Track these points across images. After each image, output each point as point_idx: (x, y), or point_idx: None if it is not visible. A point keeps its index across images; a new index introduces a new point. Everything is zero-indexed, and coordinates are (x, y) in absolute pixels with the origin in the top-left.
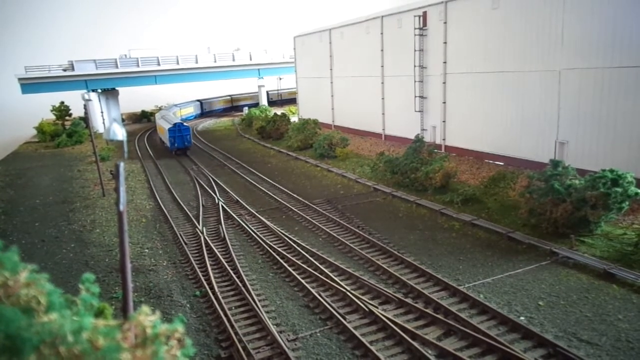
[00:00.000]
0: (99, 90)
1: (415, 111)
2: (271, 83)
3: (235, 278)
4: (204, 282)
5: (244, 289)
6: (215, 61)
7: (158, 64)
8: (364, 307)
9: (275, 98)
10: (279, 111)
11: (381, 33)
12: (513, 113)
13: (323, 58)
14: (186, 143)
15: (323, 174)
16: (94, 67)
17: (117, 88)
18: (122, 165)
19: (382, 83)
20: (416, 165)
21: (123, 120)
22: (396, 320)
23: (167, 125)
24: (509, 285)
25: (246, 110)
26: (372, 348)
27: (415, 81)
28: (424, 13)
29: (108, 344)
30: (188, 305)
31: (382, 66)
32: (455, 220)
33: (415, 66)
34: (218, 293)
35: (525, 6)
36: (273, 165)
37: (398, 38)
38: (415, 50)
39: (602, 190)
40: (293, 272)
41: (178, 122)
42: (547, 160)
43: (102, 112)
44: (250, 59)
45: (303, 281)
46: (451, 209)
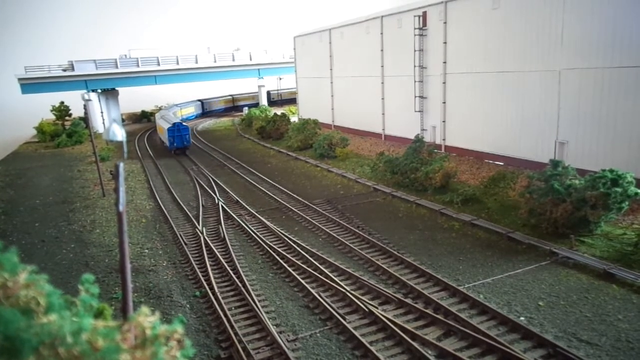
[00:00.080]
0: (99, 90)
1: (415, 111)
2: (271, 83)
3: (235, 278)
4: (204, 283)
5: (244, 290)
6: (215, 61)
7: (158, 64)
8: (364, 308)
9: (276, 98)
10: (279, 111)
11: (381, 33)
12: (513, 113)
13: (323, 58)
14: (185, 143)
15: (323, 174)
16: (94, 67)
17: (117, 88)
18: (122, 165)
19: (382, 83)
20: (416, 165)
21: (123, 120)
22: (396, 320)
23: (167, 125)
24: (509, 285)
25: (246, 110)
26: (372, 348)
27: (415, 81)
28: (424, 13)
29: (107, 345)
30: (188, 305)
31: (382, 66)
32: (455, 220)
33: (415, 66)
34: (218, 293)
35: (525, 6)
36: (273, 165)
37: (398, 38)
38: (415, 50)
39: (602, 190)
40: (293, 273)
41: (177, 122)
42: (547, 160)
43: (102, 112)
44: (250, 59)
45: (303, 281)
46: (451, 209)
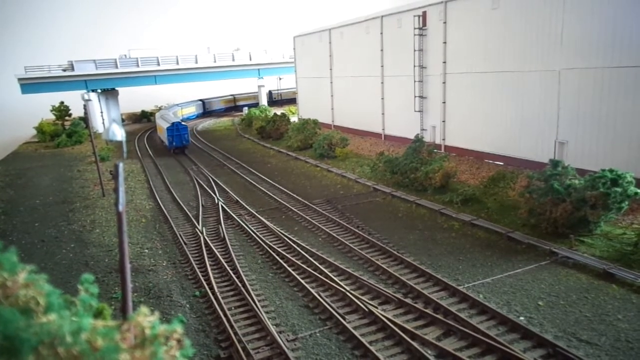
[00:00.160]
0: (99, 90)
1: (415, 111)
2: (271, 83)
3: (234, 278)
4: (204, 283)
5: (244, 289)
6: (215, 61)
7: (158, 64)
8: (364, 307)
9: (277, 98)
10: (279, 111)
11: (381, 33)
12: (513, 113)
13: (323, 58)
14: (184, 142)
15: (323, 174)
16: (94, 67)
17: (117, 88)
18: (121, 165)
19: (382, 83)
20: (416, 165)
21: (123, 120)
22: (396, 320)
23: (166, 124)
24: (509, 285)
25: (246, 110)
26: (372, 348)
27: (415, 81)
28: (424, 13)
29: (107, 345)
30: (187, 305)
31: (382, 66)
32: (454, 220)
33: (415, 66)
34: (218, 293)
35: (525, 6)
36: (273, 165)
37: (398, 38)
38: (415, 50)
39: (602, 190)
40: (293, 272)
41: (176, 122)
42: (547, 160)
43: (102, 112)
44: (250, 59)
45: (303, 281)
46: (451, 209)
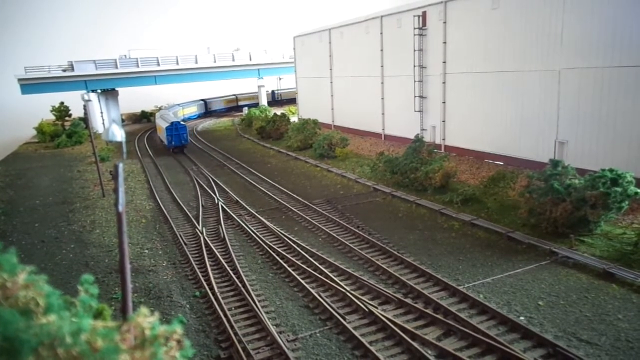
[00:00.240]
0: (99, 90)
1: (415, 111)
2: (271, 83)
3: (234, 278)
4: (204, 283)
5: (244, 290)
6: (215, 61)
7: (158, 64)
8: (364, 308)
9: (278, 97)
10: (279, 111)
11: (381, 33)
12: (513, 113)
13: (323, 58)
14: (183, 141)
15: (323, 174)
16: (94, 68)
17: (117, 88)
18: (121, 165)
19: (382, 83)
20: (416, 165)
21: (123, 120)
22: (396, 320)
23: (165, 124)
24: (509, 285)
25: (246, 110)
26: (372, 348)
27: (414, 81)
28: (424, 13)
29: (107, 346)
30: (188, 305)
31: (382, 66)
32: (454, 220)
33: (414, 66)
34: (218, 293)
35: (525, 6)
36: (273, 165)
37: (398, 38)
38: (414, 50)
39: (602, 189)
40: (293, 273)
41: (175, 121)
42: (547, 159)
43: (102, 113)
44: (250, 59)
45: (303, 281)
46: (451, 209)
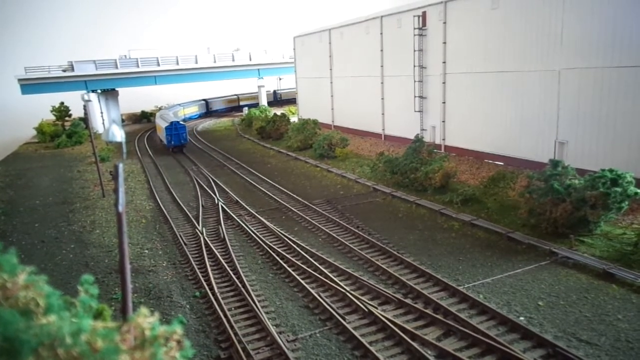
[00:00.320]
0: (99, 90)
1: (414, 111)
2: (271, 83)
3: (234, 279)
4: (204, 283)
5: (244, 290)
6: (215, 61)
7: (158, 65)
8: (364, 308)
9: (278, 97)
10: (279, 111)
11: (381, 33)
12: (513, 113)
13: (323, 58)
14: (182, 140)
15: (323, 174)
16: (94, 68)
17: (117, 89)
18: (121, 166)
19: (382, 83)
20: (416, 165)
21: (123, 121)
22: (396, 320)
23: (164, 123)
24: (509, 285)
25: (246, 110)
26: (372, 348)
27: (414, 81)
28: (424, 13)
29: (107, 346)
30: (188, 306)
31: (382, 66)
32: (454, 220)
33: (414, 66)
34: (218, 294)
35: (525, 6)
36: (273, 165)
37: (398, 38)
38: (414, 50)
39: (602, 190)
40: (293, 273)
41: (174, 121)
42: (547, 160)
43: (102, 113)
44: (250, 59)
45: (303, 282)
46: (451, 209)
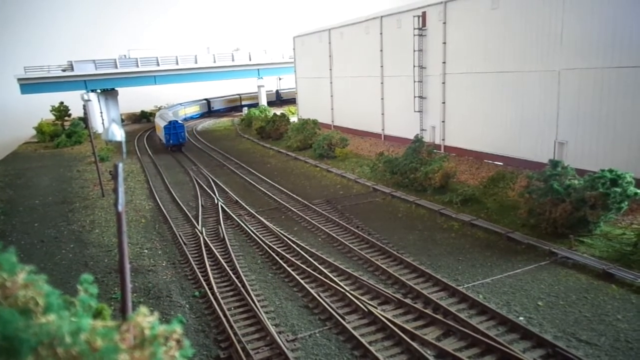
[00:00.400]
0: (99, 90)
1: (414, 111)
2: (271, 83)
3: (234, 278)
4: (203, 283)
5: (243, 290)
6: (214, 61)
7: (157, 64)
8: (363, 308)
9: (286, 97)
10: (279, 111)
11: (380, 33)
12: (512, 113)
13: (322, 58)
14: (180, 139)
15: (322, 174)
16: (94, 68)
17: (117, 88)
18: (121, 165)
19: (382, 83)
20: (415, 165)
21: (122, 120)
22: (395, 320)
23: (163, 123)
24: (508, 285)
25: (246, 110)
26: (372, 348)
27: (414, 81)
28: (424, 13)
29: (106, 345)
30: (187, 305)
31: (382, 66)
32: (454, 220)
33: (414, 66)
34: (217, 293)
35: (524, 6)
36: (272, 165)
37: (397, 38)
38: (414, 50)
39: (601, 190)
40: (292, 273)
41: (173, 120)
42: (547, 160)
43: (102, 113)
44: (249, 59)
45: (302, 281)
46: (450, 209)
